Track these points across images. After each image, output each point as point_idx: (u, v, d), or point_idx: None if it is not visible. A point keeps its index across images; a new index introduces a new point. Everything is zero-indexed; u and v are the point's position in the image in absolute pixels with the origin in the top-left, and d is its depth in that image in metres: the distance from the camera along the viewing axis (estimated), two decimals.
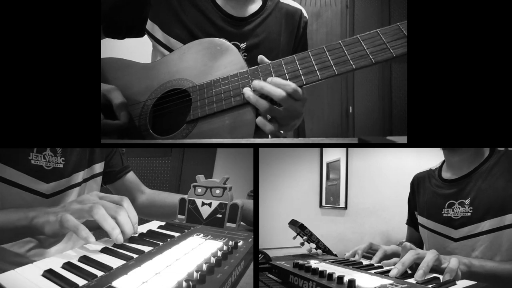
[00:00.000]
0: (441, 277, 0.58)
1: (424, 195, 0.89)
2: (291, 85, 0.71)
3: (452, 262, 0.59)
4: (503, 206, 0.72)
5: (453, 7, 0.69)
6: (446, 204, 0.81)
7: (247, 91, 0.74)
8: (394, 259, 0.67)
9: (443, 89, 0.70)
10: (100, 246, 0.57)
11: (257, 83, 0.74)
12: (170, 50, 0.94)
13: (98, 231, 0.59)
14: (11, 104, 0.69)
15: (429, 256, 0.59)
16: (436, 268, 0.60)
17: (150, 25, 0.96)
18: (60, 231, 0.58)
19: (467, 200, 0.78)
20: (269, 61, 0.76)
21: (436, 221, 0.83)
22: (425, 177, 0.90)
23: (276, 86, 0.72)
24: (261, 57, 0.77)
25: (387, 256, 0.75)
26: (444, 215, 0.81)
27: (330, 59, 0.71)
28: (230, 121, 0.75)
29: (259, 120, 0.74)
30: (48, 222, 0.59)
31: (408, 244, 0.67)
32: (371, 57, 0.69)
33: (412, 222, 0.95)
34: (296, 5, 1.06)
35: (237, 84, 0.76)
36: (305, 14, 1.07)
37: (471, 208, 0.76)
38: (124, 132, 0.81)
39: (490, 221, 0.73)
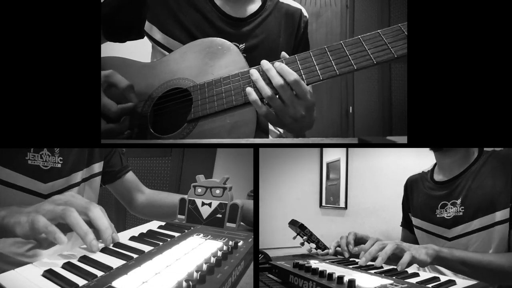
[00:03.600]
0: (441, 277, 0.59)
1: (418, 197, 0.90)
2: (294, 74, 0.71)
3: (404, 256, 0.65)
4: (492, 204, 0.74)
5: (453, 8, 0.69)
6: (439, 205, 0.82)
7: (251, 92, 0.74)
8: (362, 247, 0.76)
9: (443, 89, 0.70)
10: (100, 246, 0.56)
11: (265, 63, 0.74)
12: (169, 51, 0.94)
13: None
14: (12, 105, 0.69)
15: (389, 246, 0.67)
16: (397, 257, 0.66)
17: (148, 26, 0.95)
18: (31, 233, 0.54)
19: (458, 200, 0.79)
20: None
21: (430, 222, 0.84)
22: (418, 179, 0.92)
23: (280, 72, 0.72)
24: (263, 61, 0.77)
25: (357, 239, 0.81)
26: (438, 216, 0.82)
27: (331, 59, 0.71)
28: (231, 120, 0.75)
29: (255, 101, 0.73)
30: (19, 223, 0.54)
31: (375, 238, 0.75)
32: (373, 58, 0.69)
33: (406, 224, 0.96)
34: (296, 4, 1.06)
35: (238, 83, 0.76)
36: (305, 13, 1.06)
37: (463, 207, 0.78)
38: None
39: (480, 219, 0.75)
